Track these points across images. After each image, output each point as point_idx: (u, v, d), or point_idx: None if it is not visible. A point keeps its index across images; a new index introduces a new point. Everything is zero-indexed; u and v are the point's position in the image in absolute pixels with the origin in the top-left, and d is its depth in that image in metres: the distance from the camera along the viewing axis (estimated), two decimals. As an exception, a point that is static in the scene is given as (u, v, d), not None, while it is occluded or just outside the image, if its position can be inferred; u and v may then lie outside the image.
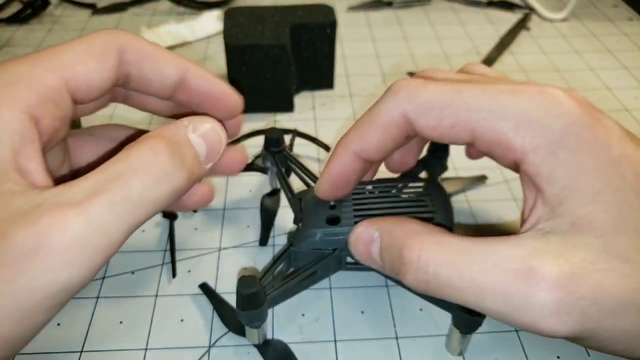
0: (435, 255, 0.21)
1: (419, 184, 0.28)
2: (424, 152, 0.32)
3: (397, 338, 0.29)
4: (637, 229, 0.19)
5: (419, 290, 0.22)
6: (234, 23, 0.44)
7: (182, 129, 0.21)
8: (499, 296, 0.19)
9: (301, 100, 0.48)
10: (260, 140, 0.42)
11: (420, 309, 0.30)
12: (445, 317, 0.30)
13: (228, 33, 0.43)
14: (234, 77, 0.44)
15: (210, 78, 0.25)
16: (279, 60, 0.43)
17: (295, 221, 0.29)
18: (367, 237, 0.24)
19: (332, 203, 0.27)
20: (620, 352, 0.20)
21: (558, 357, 0.28)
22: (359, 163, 0.25)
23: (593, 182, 0.19)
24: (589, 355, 0.28)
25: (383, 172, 0.30)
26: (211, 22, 0.58)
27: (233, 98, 0.26)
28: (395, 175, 0.31)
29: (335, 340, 0.29)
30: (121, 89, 0.25)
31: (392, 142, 0.24)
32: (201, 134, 0.22)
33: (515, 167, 0.22)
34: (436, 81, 0.23)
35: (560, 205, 0.19)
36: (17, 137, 0.18)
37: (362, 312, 0.30)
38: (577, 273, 0.18)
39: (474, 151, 0.30)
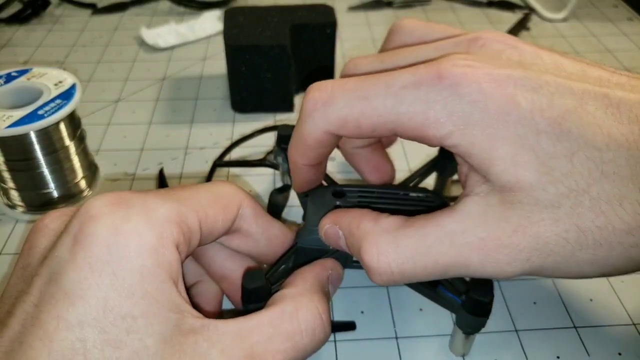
0: (395, 256, 0.22)
1: (424, 194, 0.29)
2: (435, 154, 0.33)
3: (397, 338, 0.29)
4: (564, 173, 0.20)
5: (389, 286, 0.23)
6: (234, 23, 0.44)
7: (325, 288, 0.25)
8: (460, 268, 0.22)
9: (301, 100, 0.48)
10: (269, 138, 0.42)
11: (420, 309, 0.30)
12: (445, 317, 0.30)
13: (228, 33, 0.43)
14: (234, 77, 0.44)
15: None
16: (279, 60, 0.43)
17: (304, 218, 0.29)
18: (333, 233, 0.26)
19: (337, 202, 0.27)
20: (587, 275, 0.22)
21: (558, 357, 0.28)
22: (314, 168, 0.26)
23: (508, 148, 0.20)
24: (588, 355, 0.28)
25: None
26: (211, 22, 0.58)
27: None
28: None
29: (335, 340, 0.29)
30: None
31: (333, 146, 0.25)
32: (333, 282, 0.26)
33: None
34: (343, 87, 0.23)
35: (487, 174, 0.21)
36: (177, 275, 0.21)
37: (362, 312, 0.30)
38: (517, 230, 0.21)
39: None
